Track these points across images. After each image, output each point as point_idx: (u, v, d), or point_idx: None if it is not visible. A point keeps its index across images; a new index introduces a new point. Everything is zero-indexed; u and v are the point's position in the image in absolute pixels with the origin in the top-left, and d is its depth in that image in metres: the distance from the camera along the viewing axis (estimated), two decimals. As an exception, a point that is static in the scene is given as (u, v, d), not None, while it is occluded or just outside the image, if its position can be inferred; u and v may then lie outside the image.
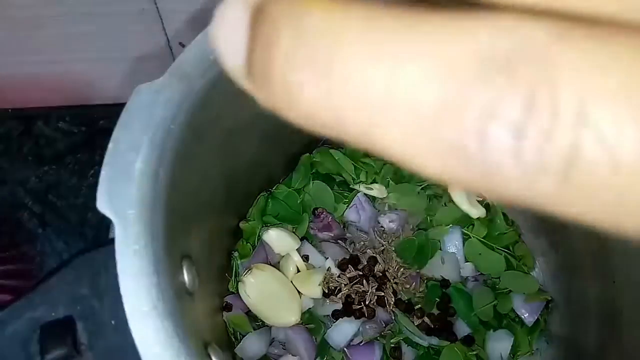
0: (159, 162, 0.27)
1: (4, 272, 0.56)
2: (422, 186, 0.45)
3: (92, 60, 0.58)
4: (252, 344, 0.39)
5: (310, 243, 0.43)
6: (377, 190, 0.44)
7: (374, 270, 0.41)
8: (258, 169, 0.42)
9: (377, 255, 0.42)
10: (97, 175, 0.66)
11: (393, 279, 0.41)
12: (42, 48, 0.56)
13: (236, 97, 0.33)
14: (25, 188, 0.60)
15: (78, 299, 0.26)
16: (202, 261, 0.33)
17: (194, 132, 0.29)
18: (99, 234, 0.58)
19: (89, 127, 0.63)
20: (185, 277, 0.29)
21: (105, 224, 0.59)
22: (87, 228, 0.59)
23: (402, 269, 0.41)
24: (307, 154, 0.45)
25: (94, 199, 0.66)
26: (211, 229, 0.38)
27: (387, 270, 0.41)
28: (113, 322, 0.25)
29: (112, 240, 0.27)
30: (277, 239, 0.41)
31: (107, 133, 0.69)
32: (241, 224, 0.43)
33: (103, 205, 0.25)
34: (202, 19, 0.53)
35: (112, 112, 0.65)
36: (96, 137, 0.62)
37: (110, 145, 0.26)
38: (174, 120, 0.28)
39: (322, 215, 0.44)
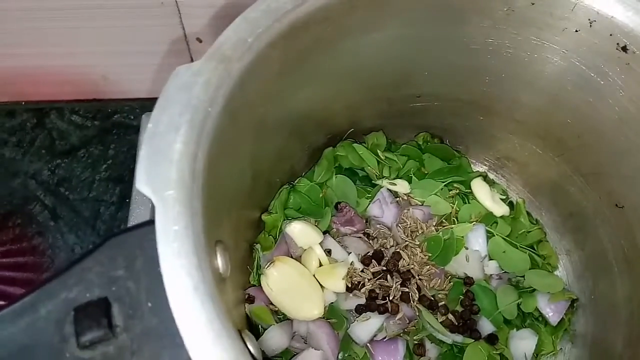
0: (198, 144, 0.26)
1: (15, 264, 0.55)
2: (445, 182, 0.44)
3: (108, 53, 0.58)
4: (274, 336, 0.38)
5: (333, 237, 0.42)
6: (401, 186, 0.44)
7: (398, 266, 0.41)
8: (282, 161, 0.42)
9: (401, 251, 0.41)
10: (109, 169, 0.66)
11: (417, 275, 0.41)
12: (57, 41, 0.55)
13: (268, 84, 0.32)
14: (38, 180, 0.59)
15: (113, 280, 0.25)
16: (230, 251, 0.33)
17: (229, 116, 0.29)
18: (111, 228, 0.58)
19: (102, 121, 0.63)
20: (219, 261, 0.28)
21: (118, 217, 0.59)
22: (99, 222, 0.58)
23: (427, 266, 0.41)
24: (331, 147, 0.44)
25: (106, 192, 0.66)
26: (237, 218, 0.37)
27: (411, 266, 0.41)
28: (149, 304, 0.25)
29: (146, 223, 0.27)
30: (301, 232, 0.41)
31: (120, 127, 0.69)
32: (263, 216, 0.42)
33: (142, 184, 0.24)
34: (221, 15, 0.53)
35: (125, 106, 0.66)
36: (109, 131, 0.62)
37: (149, 126, 0.26)
38: (212, 103, 0.27)
39: (344, 210, 0.43)
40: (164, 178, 0.25)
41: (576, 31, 0.32)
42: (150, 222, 0.27)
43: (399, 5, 0.33)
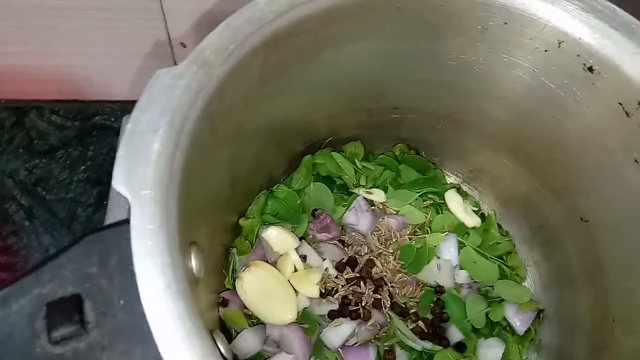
0: (176, 146, 0.27)
1: (-12, 263, 0.54)
2: (420, 193, 0.45)
3: (92, 54, 0.58)
4: (247, 340, 0.39)
5: (309, 243, 0.43)
6: (377, 195, 0.45)
7: (371, 273, 0.42)
8: (260, 167, 0.43)
9: (375, 258, 0.42)
10: (88, 170, 0.65)
11: (390, 283, 0.41)
12: (42, 40, 0.55)
13: (248, 91, 0.33)
14: (15, 180, 0.59)
15: (87, 277, 0.25)
16: (204, 253, 0.33)
17: (208, 120, 0.30)
18: (88, 229, 0.57)
19: (82, 122, 0.62)
20: (193, 262, 0.29)
21: (95, 219, 0.58)
22: (75, 223, 0.58)
23: (399, 274, 0.42)
24: (309, 155, 0.45)
25: (84, 194, 0.65)
26: (214, 221, 0.38)
27: (384, 274, 0.42)
28: (122, 301, 0.25)
29: (123, 222, 0.27)
30: (277, 237, 0.41)
31: (100, 129, 0.69)
32: (241, 221, 0.42)
33: (119, 183, 0.25)
34: (205, 20, 0.53)
35: (107, 108, 0.65)
36: (89, 132, 0.62)
37: (128, 126, 0.26)
38: (192, 107, 0.28)
39: (321, 217, 0.44)
40: (141, 177, 0.25)
41: (546, 51, 0.34)
42: (127, 221, 0.27)
43: (378, 20, 0.34)
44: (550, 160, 0.39)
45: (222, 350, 0.27)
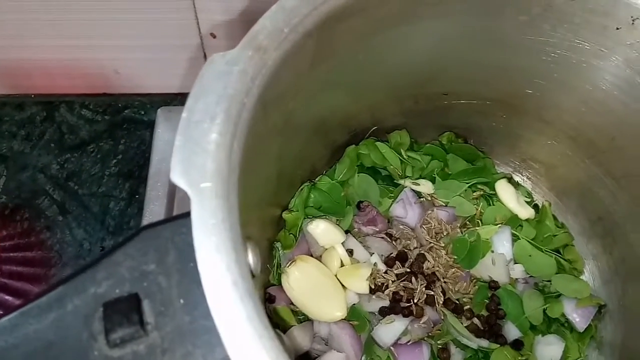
0: (234, 136, 0.25)
1: (22, 259, 0.54)
2: (470, 184, 0.43)
3: (121, 47, 0.57)
4: (296, 338, 0.37)
5: (354, 237, 0.41)
6: (424, 186, 0.43)
7: (422, 268, 0.40)
8: (304, 158, 0.41)
9: (426, 253, 0.40)
10: (119, 164, 0.65)
11: (442, 278, 0.40)
12: (72, 33, 0.54)
13: (299, 77, 0.31)
14: (46, 174, 0.58)
15: (144, 275, 0.24)
16: (259, 249, 0.32)
17: (262, 109, 0.28)
18: (121, 224, 0.56)
19: (112, 116, 0.61)
20: (251, 259, 0.27)
21: (128, 213, 0.57)
22: (108, 217, 0.57)
23: (452, 269, 0.40)
24: (353, 145, 0.43)
25: (116, 188, 0.65)
26: (262, 215, 0.36)
27: (436, 269, 0.40)
28: (181, 300, 0.24)
29: (179, 216, 0.26)
30: (324, 231, 0.40)
31: (130, 122, 0.68)
32: (284, 214, 0.41)
33: (178, 176, 0.23)
34: (236, 10, 0.52)
35: (135, 101, 0.64)
36: (119, 126, 0.61)
37: (183, 115, 0.25)
38: (248, 94, 0.26)
39: (367, 209, 0.42)
40: (200, 169, 0.24)
41: (617, 29, 0.32)
42: (181, 216, 0.26)
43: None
44: (615, 148, 0.37)
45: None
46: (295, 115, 0.34)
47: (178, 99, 0.61)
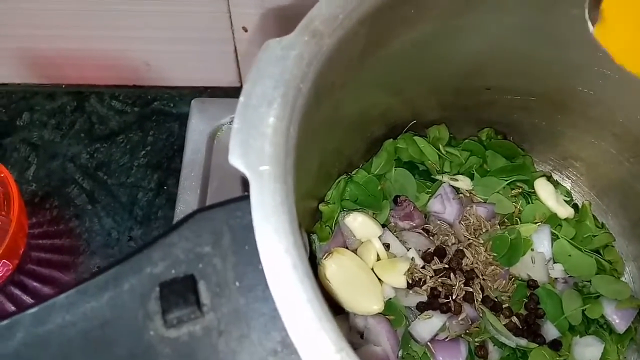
0: (290, 121, 0.25)
1: (51, 246, 0.54)
2: (509, 181, 0.43)
3: (152, 39, 0.57)
4: (333, 331, 0.37)
5: (391, 231, 0.41)
6: (463, 182, 0.43)
7: (461, 264, 0.39)
8: (343, 150, 0.41)
9: (465, 249, 0.40)
10: (147, 155, 0.65)
11: (481, 275, 0.39)
12: (103, 24, 0.54)
13: (350, 65, 0.31)
14: (76, 164, 0.58)
15: (200, 257, 0.24)
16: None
17: (316, 96, 0.28)
18: (149, 214, 0.56)
19: (141, 108, 0.62)
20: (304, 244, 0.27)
21: (156, 204, 0.57)
22: (136, 208, 0.57)
23: (491, 266, 0.39)
24: (391, 139, 0.43)
25: (144, 178, 0.65)
26: (303, 205, 0.36)
27: (475, 266, 0.39)
28: (237, 283, 0.23)
29: (233, 200, 0.26)
30: (361, 224, 0.39)
31: (159, 114, 0.68)
32: (321, 206, 0.41)
33: (236, 158, 0.23)
34: (269, 3, 0.51)
35: (165, 94, 0.65)
36: (149, 118, 0.61)
37: (241, 99, 0.25)
38: (304, 80, 0.26)
39: (404, 204, 0.42)
40: (259, 152, 0.23)
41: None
42: (235, 200, 0.26)
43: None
44: (662, 146, 0.36)
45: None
46: (341, 106, 0.34)
47: (207, 92, 0.61)
